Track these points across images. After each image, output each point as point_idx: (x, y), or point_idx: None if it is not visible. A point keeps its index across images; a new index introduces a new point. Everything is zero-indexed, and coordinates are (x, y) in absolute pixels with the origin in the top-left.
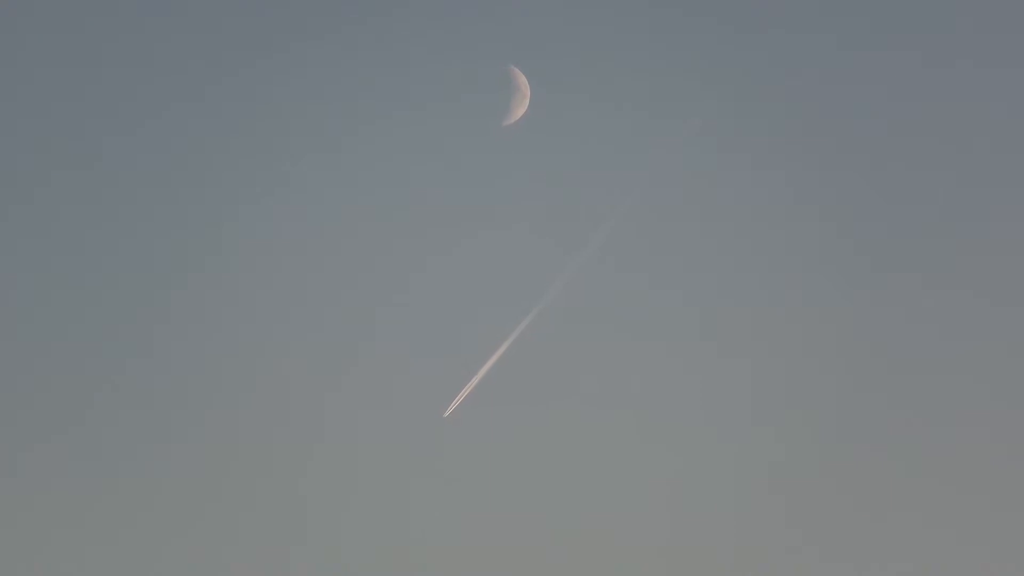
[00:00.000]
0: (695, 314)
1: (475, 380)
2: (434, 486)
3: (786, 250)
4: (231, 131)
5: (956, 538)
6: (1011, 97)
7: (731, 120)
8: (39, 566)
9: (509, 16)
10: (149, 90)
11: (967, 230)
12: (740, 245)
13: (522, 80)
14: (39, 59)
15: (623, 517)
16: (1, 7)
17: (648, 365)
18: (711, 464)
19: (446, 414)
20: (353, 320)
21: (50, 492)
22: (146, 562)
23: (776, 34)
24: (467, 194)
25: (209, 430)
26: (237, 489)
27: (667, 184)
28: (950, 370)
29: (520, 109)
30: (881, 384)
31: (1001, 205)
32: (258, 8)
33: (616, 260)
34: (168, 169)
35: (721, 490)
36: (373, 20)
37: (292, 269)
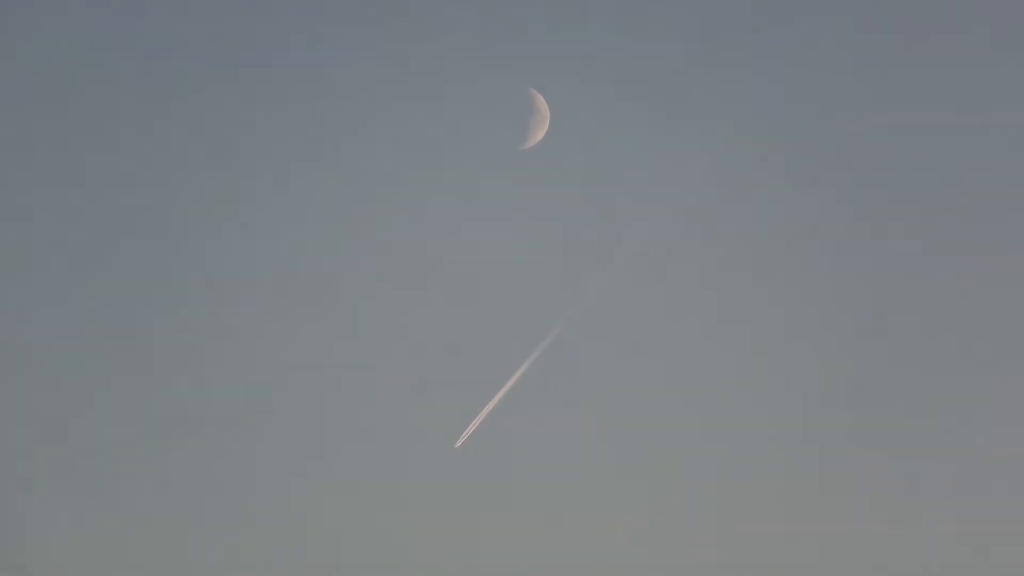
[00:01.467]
0: (698, 318)
1: (487, 409)
2: (443, 492)
3: (792, 251)
4: (249, 134)
5: (957, 539)
6: (1013, 98)
7: (740, 123)
8: (43, 567)
9: (526, 35)
10: (158, 93)
11: (971, 230)
12: (744, 248)
13: (542, 103)
14: (43, 60)
15: (629, 519)
16: (5, 7)
17: (653, 368)
18: (717, 466)
19: (458, 444)
20: (364, 328)
21: (52, 494)
22: (152, 564)
23: (781, 37)
24: (480, 206)
25: (215, 434)
26: (244, 494)
27: (673, 188)
28: (951, 371)
29: (540, 132)
30: (886, 386)
31: (1004, 206)
32: (282, 13)
33: (619, 263)
34: (178, 171)
35: (726, 491)
36: (395, 38)
37: (302, 274)
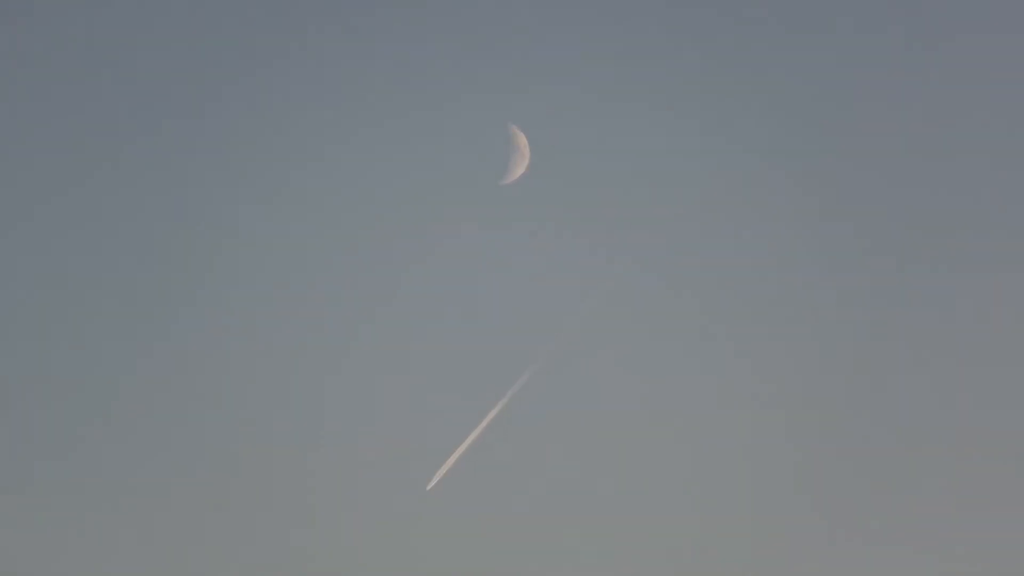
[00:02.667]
0: (702, 315)
1: (469, 440)
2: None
3: (793, 249)
4: (238, 134)
5: (961, 537)
6: (1015, 97)
7: (739, 121)
8: (41, 566)
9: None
10: (156, 92)
11: (973, 227)
12: (746, 246)
13: (522, 140)
14: (43, 59)
15: (633, 520)
16: (9, 8)
17: (656, 369)
18: (722, 465)
19: (431, 485)
20: (359, 326)
21: (51, 493)
22: (147, 564)
23: (785, 36)
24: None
25: (209, 434)
26: (236, 494)
27: (672, 187)
28: (955, 366)
29: (519, 169)
30: (888, 382)
31: (1006, 203)
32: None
33: (621, 263)
34: (173, 170)
35: (733, 491)
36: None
37: (298, 274)
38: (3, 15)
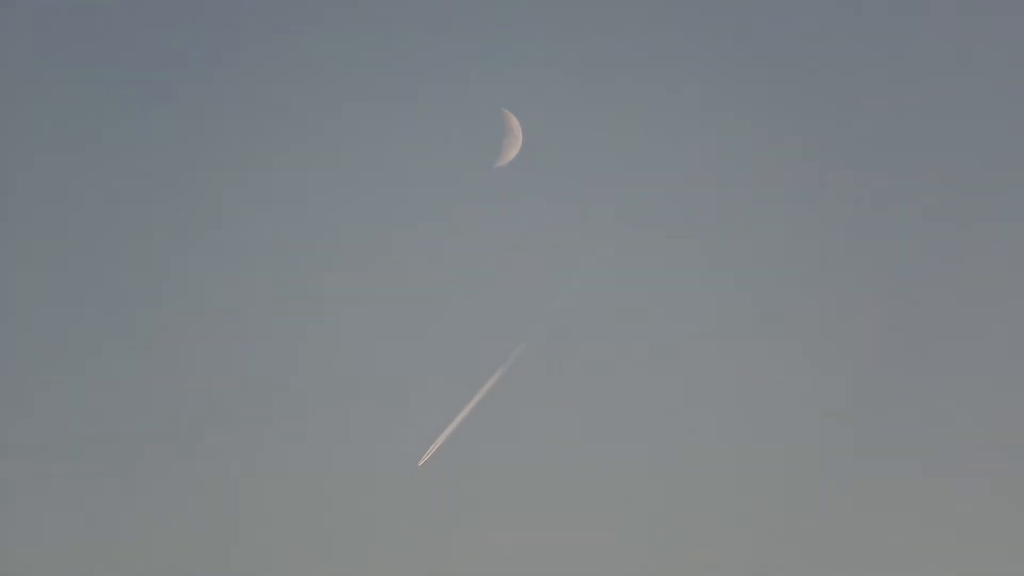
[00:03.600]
0: (699, 314)
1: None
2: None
3: (790, 251)
4: (231, 133)
5: (960, 540)
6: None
7: (733, 120)
8: (40, 566)
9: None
10: (150, 91)
11: (974, 227)
12: (744, 246)
13: (514, 122)
14: (40, 56)
15: (630, 522)
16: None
17: (656, 368)
18: (719, 465)
19: (423, 459)
20: (354, 323)
21: (48, 493)
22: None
23: (780, 37)
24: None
25: (206, 434)
26: (235, 493)
27: (670, 185)
28: (952, 371)
29: (512, 151)
30: (887, 386)
31: (1002, 204)
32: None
33: (619, 262)
34: (167, 170)
35: (727, 494)
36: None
37: (293, 271)
38: (3, 12)
